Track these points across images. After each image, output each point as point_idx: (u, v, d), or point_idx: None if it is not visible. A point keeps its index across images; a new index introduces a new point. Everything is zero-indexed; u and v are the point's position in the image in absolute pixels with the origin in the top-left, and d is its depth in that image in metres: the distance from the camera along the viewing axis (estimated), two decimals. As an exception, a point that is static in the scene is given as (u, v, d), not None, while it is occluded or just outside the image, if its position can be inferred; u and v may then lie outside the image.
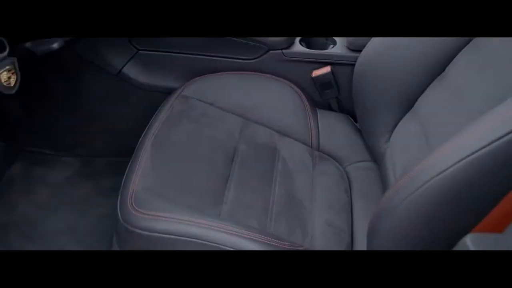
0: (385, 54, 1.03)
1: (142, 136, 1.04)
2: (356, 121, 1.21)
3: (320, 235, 0.92)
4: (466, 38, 0.93)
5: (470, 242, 0.47)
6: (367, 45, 1.07)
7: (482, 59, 0.87)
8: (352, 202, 1.03)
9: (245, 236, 0.82)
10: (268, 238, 0.83)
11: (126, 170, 0.95)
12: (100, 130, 1.39)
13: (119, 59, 1.27)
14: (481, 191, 0.63)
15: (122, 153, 1.17)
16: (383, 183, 1.01)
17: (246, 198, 0.94)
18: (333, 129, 1.18)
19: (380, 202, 0.73)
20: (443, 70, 0.97)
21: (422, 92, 1.00)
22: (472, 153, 0.61)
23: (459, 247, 0.49)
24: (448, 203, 0.64)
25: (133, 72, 1.28)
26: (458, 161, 0.62)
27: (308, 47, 1.21)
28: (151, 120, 1.08)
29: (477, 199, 0.64)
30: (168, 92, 1.21)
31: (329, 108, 1.24)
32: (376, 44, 1.05)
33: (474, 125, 0.65)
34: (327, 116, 1.21)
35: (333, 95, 1.21)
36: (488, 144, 0.59)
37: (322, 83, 1.19)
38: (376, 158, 1.10)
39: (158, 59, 1.25)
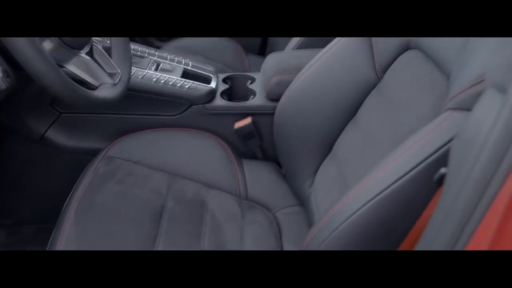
0: (301, 102, 1.09)
1: (66, 201, 1.02)
2: (281, 167, 1.24)
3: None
4: (373, 83, 1.00)
5: None
6: (283, 95, 1.12)
7: (387, 102, 0.93)
8: (282, 247, 1.05)
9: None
10: None
11: (50, 239, 0.93)
12: (26, 196, 1.35)
13: (42, 123, 1.25)
14: (391, 228, 0.68)
15: (51, 219, 1.14)
16: (310, 226, 1.05)
17: (175, 256, 0.94)
18: (260, 177, 1.21)
19: (301, 247, 0.76)
20: (355, 113, 1.03)
21: (338, 136, 1.06)
22: (377, 195, 0.65)
23: None
24: (362, 243, 0.68)
25: (57, 135, 1.26)
26: (366, 203, 0.66)
27: (229, 99, 1.25)
28: (76, 184, 1.07)
29: (388, 236, 0.68)
30: (93, 154, 1.20)
31: (254, 157, 1.28)
32: (292, 93, 1.10)
33: (379, 168, 0.70)
34: (253, 165, 1.24)
35: (257, 144, 1.25)
36: (389, 186, 0.64)
37: (245, 134, 1.22)
38: (302, 202, 1.13)
39: (81, 121, 1.25)
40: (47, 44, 0.77)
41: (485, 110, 0.48)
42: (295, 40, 1.41)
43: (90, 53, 0.88)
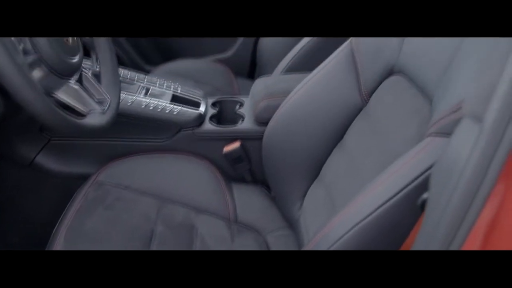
0: (290, 126, 1.10)
1: (55, 227, 1.02)
2: (270, 191, 1.25)
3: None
4: (359, 106, 1.02)
5: None
6: (272, 119, 1.13)
7: (372, 126, 0.95)
8: (272, 271, 1.05)
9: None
10: None
11: None
12: (15, 221, 1.34)
13: (31, 148, 1.25)
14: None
15: (40, 244, 1.13)
16: (299, 249, 1.05)
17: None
18: (249, 201, 1.21)
19: None
20: (342, 137, 1.05)
21: (326, 159, 1.07)
22: (363, 220, 0.66)
23: None
24: None
25: (46, 161, 1.26)
26: (352, 228, 0.67)
27: (218, 123, 1.26)
28: (65, 209, 1.07)
29: None
30: (83, 178, 1.20)
31: (243, 180, 1.28)
32: (280, 117, 1.12)
33: (364, 192, 0.71)
34: (242, 188, 1.25)
35: (246, 168, 1.26)
36: (375, 211, 0.65)
37: (234, 158, 1.23)
38: (291, 224, 1.14)
39: (71, 146, 1.25)
40: (37, 73, 0.77)
41: (462, 138, 0.50)
42: (283, 63, 1.43)
43: (79, 81, 0.89)
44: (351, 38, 1.04)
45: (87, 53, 1.03)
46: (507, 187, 0.43)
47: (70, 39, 0.85)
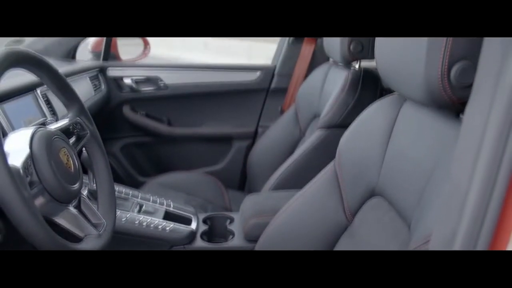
0: (278, 244, 1.13)
1: None
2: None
3: None
4: (344, 225, 1.06)
5: None
6: (261, 236, 1.17)
7: (357, 245, 0.99)
8: None
9: None
10: None
11: None
12: None
13: None
14: None
15: None
16: None
17: None
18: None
19: None
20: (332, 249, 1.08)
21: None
22: None
23: None
24: None
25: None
26: None
27: (209, 240, 1.30)
28: None
29: None
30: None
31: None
32: (268, 235, 1.15)
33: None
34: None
35: (236, 285, 1.27)
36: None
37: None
38: None
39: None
40: (39, 200, 0.82)
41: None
42: (272, 180, 1.50)
43: (77, 206, 0.93)
44: (333, 160, 1.11)
45: (85, 171, 1.09)
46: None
47: (72, 166, 0.90)
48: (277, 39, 2.27)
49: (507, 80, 0.45)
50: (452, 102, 0.74)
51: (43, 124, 1.09)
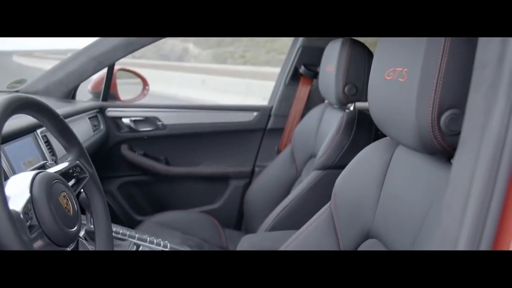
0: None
1: None
2: None
3: None
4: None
5: None
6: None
7: None
8: None
9: None
10: None
11: None
12: None
13: None
14: None
15: None
16: None
17: None
18: None
19: None
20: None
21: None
22: None
23: None
24: None
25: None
26: None
27: None
28: None
29: None
30: None
31: None
32: None
33: None
34: None
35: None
36: None
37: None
38: None
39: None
40: (38, 244, 0.83)
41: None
42: (268, 221, 1.51)
43: (75, 248, 0.94)
44: (329, 202, 1.12)
45: (82, 211, 1.09)
46: None
47: (71, 209, 0.91)
48: (275, 77, 2.32)
49: (492, 131, 0.47)
50: (443, 149, 0.76)
51: (43, 167, 1.11)
